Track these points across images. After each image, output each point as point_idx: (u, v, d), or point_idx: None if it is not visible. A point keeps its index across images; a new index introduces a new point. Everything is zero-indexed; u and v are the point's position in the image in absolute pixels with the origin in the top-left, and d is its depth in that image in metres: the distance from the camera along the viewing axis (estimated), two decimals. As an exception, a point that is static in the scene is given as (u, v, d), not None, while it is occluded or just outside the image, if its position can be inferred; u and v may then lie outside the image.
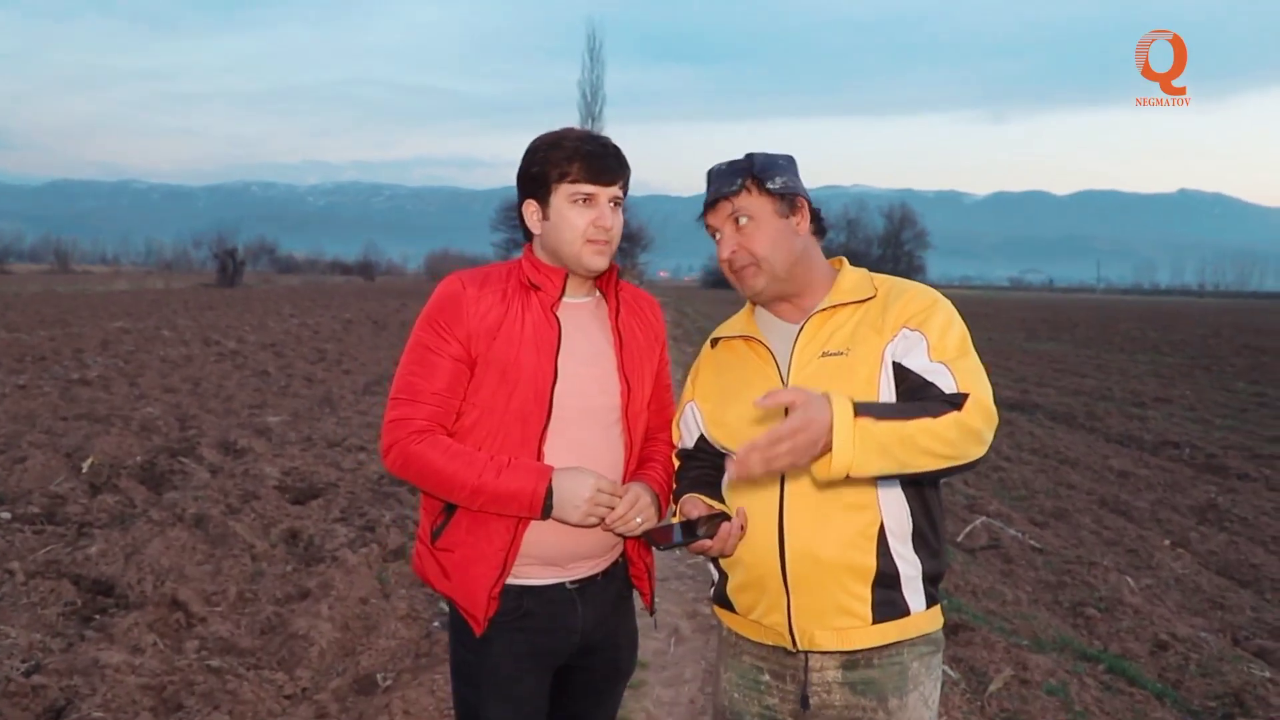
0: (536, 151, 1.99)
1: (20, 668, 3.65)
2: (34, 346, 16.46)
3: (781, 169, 1.93)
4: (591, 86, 64.72)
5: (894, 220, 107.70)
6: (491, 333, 1.95)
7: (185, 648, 4.03)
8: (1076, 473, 8.68)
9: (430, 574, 2.05)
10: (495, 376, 1.95)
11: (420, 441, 1.92)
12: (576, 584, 2.04)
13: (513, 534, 1.96)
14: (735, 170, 1.92)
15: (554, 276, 2.02)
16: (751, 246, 1.90)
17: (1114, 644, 4.67)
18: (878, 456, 1.61)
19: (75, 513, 5.99)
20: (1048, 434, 10.64)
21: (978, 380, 1.77)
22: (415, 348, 1.99)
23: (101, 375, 12.83)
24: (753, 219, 1.91)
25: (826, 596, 1.83)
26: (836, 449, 1.57)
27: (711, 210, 1.96)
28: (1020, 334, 29.39)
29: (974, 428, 1.70)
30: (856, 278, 1.97)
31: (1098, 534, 6.64)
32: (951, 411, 1.69)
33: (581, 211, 1.96)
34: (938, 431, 1.66)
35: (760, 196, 1.91)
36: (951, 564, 5.67)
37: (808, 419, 1.57)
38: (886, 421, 1.63)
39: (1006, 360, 19.46)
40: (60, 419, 9.29)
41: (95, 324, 22.25)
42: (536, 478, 1.90)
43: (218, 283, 56.07)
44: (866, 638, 1.84)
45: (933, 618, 1.90)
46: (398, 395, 1.98)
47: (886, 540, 1.82)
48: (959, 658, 4.27)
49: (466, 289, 1.98)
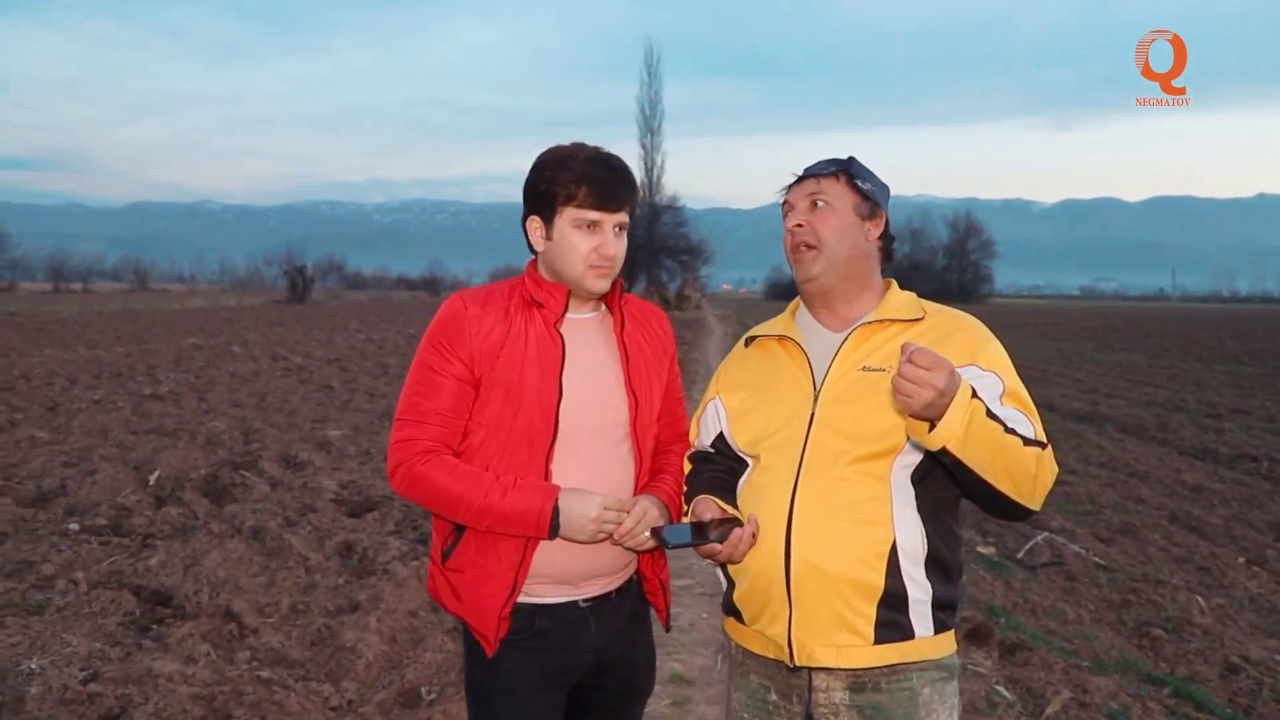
0: (544, 169, 1.95)
1: (78, 675, 3.76)
2: (111, 363, 17.11)
3: (874, 178, 1.96)
4: (650, 101, 64.94)
5: (959, 229, 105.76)
6: (494, 352, 1.94)
7: (237, 658, 4.10)
8: (1146, 487, 8.37)
9: (442, 594, 2.03)
10: (500, 396, 1.93)
11: (426, 462, 1.91)
12: (590, 602, 2.01)
13: (522, 553, 1.93)
14: (833, 162, 1.95)
15: (556, 293, 1.99)
16: (819, 228, 1.89)
17: (1181, 666, 4.47)
18: (977, 446, 1.62)
19: (140, 524, 6.18)
20: (1117, 446, 10.29)
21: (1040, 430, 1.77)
22: (419, 368, 1.98)
23: (173, 390, 13.26)
24: (830, 204, 1.91)
25: (828, 610, 1.77)
26: (952, 412, 1.57)
27: (796, 185, 1.96)
28: (1090, 344, 28.58)
29: (1048, 473, 1.72)
30: (905, 298, 1.96)
31: (1167, 551, 6.38)
32: (1038, 448, 1.71)
33: (585, 237, 1.94)
34: (1025, 456, 1.68)
35: (846, 188, 1.92)
36: (1009, 581, 5.51)
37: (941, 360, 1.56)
38: (993, 421, 1.65)
39: (1076, 371, 18.93)
40: (131, 433, 9.61)
41: (170, 341, 23.04)
42: (543, 497, 1.87)
43: (288, 299, 57.64)
44: (866, 657, 1.78)
45: (940, 644, 1.83)
46: (403, 416, 1.97)
47: (898, 560, 1.76)
48: (1015, 679, 4.13)
49: (468, 308, 1.97)
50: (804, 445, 1.83)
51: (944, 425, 1.57)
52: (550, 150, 1.99)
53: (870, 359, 1.84)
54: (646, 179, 63.74)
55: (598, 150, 1.98)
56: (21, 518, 6.28)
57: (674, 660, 4.35)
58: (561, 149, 1.98)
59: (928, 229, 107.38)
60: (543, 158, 1.98)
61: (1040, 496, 1.72)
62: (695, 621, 4.86)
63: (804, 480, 1.80)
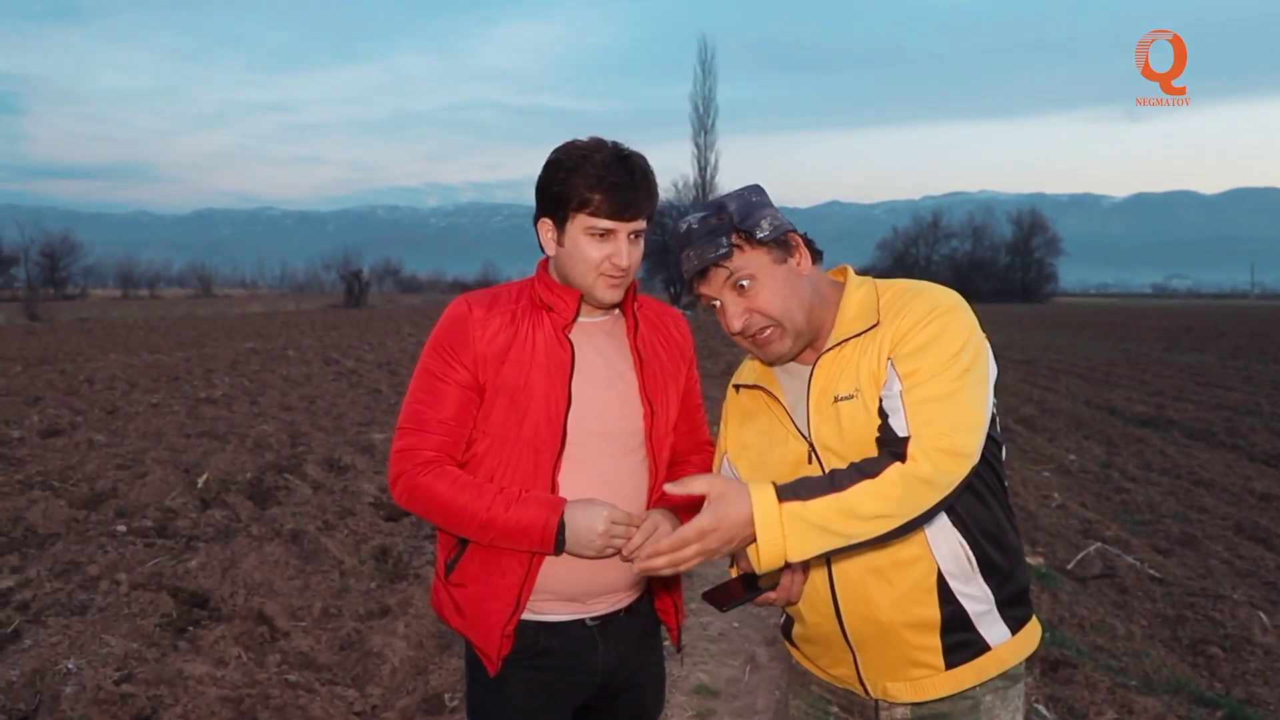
0: (558, 169, 1.83)
1: (113, 676, 3.81)
2: (170, 367, 17.57)
3: (760, 207, 1.74)
4: (704, 99, 64.77)
5: (1023, 226, 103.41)
6: (500, 357, 1.86)
7: (267, 661, 4.13)
8: (1211, 495, 8.02)
9: (445, 610, 1.97)
10: (505, 403, 1.86)
11: (427, 473, 1.84)
12: (597, 621, 1.94)
13: (527, 569, 1.86)
14: (715, 229, 1.72)
15: (568, 297, 1.90)
16: (763, 308, 1.71)
17: (1238, 688, 4.25)
18: (817, 537, 1.53)
19: (184, 527, 6.29)
20: (1182, 452, 9.90)
21: (938, 412, 1.57)
22: (422, 375, 1.91)
23: (226, 394, 13.54)
24: (754, 278, 1.71)
25: (894, 654, 1.72)
26: (763, 541, 1.51)
27: (702, 280, 1.75)
28: (1160, 344, 27.66)
29: (922, 475, 1.54)
30: (860, 300, 1.76)
31: (1230, 564, 6.10)
32: (893, 465, 1.55)
33: (598, 246, 1.84)
34: (881, 492, 1.53)
35: (754, 250, 1.72)
36: (1057, 594, 5.31)
37: (718, 519, 1.52)
38: (820, 498, 1.53)
39: (1142, 373, 18.31)
40: (184, 436, 9.83)
41: (228, 345, 23.60)
42: (548, 511, 1.79)
43: (344, 303, 58.71)
44: (941, 685, 1.72)
45: (1018, 646, 1.74)
46: (404, 425, 1.90)
47: (948, 585, 1.68)
48: (1056, 697, 3.96)
49: (473, 311, 1.89)
50: None
51: (764, 550, 1.52)
52: (565, 148, 1.86)
53: (839, 388, 1.71)
54: (700, 178, 63.57)
55: (616, 149, 1.84)
56: (74, 519, 6.44)
57: (700, 670, 4.27)
58: (577, 147, 1.85)
59: (991, 226, 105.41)
60: (557, 156, 1.85)
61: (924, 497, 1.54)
62: (725, 631, 4.77)
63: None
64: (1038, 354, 23.44)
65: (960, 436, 1.57)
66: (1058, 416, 12.31)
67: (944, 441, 1.56)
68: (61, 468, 8.06)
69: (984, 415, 1.62)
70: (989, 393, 1.66)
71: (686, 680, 4.17)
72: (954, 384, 1.60)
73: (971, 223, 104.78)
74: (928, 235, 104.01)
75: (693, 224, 1.74)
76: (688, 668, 4.28)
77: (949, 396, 1.59)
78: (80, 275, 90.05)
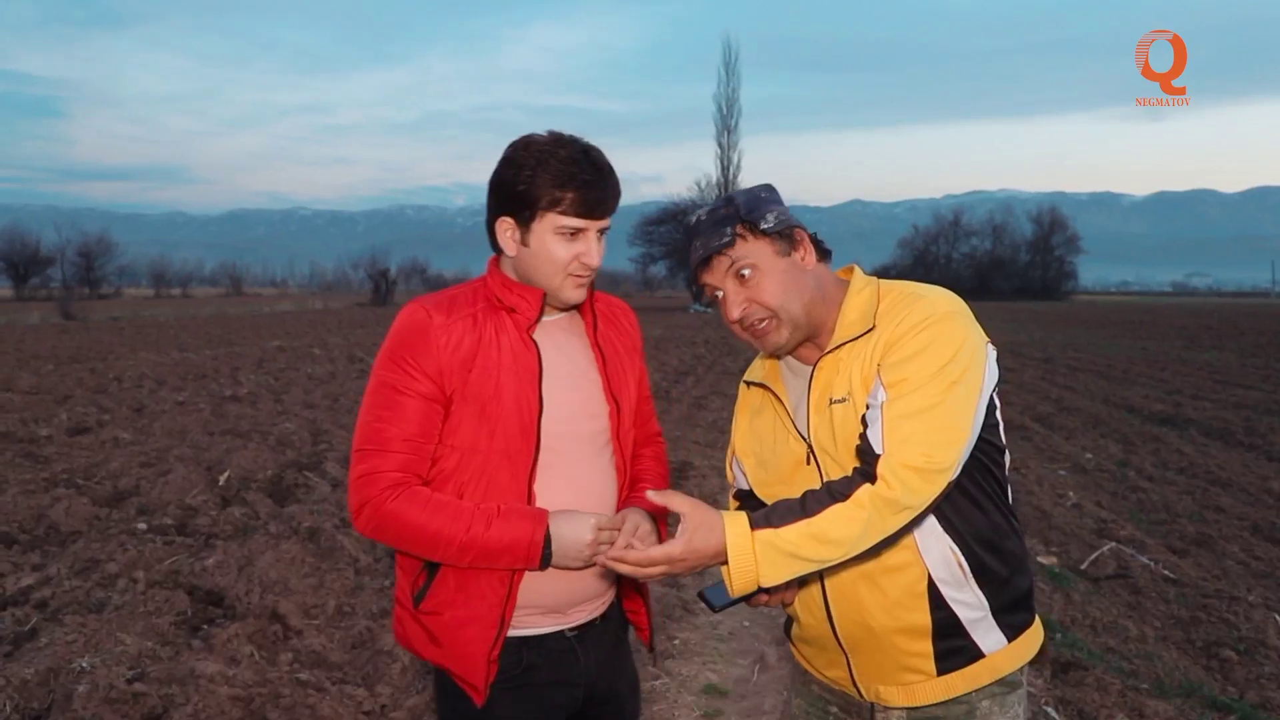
0: (521, 166, 1.74)
1: (125, 675, 3.88)
2: (198, 365, 17.80)
3: (768, 202, 1.76)
4: (727, 99, 64.73)
5: (1043, 224, 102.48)
6: (466, 364, 1.76)
7: (279, 660, 4.19)
8: (1228, 495, 7.93)
9: (416, 642, 1.84)
10: (474, 413, 1.76)
11: (395, 497, 1.71)
12: (575, 630, 1.88)
13: (509, 585, 1.77)
14: (721, 219, 1.73)
15: (530, 297, 1.82)
16: (762, 298, 1.72)
17: (1252, 691, 4.21)
18: (788, 564, 1.55)
19: (204, 524, 6.39)
20: (1199, 451, 9.80)
21: (915, 428, 1.57)
22: (379, 389, 1.77)
23: (251, 392, 13.70)
24: (756, 268, 1.72)
25: (886, 658, 1.74)
26: (735, 569, 1.54)
27: (706, 269, 1.76)
28: (1179, 342, 27.34)
29: (890, 498, 1.54)
30: (861, 304, 1.76)
31: (1246, 565, 6.04)
32: (862, 486, 1.56)
33: (567, 245, 1.77)
34: (849, 515, 1.55)
35: (757, 241, 1.73)
36: (1070, 594, 5.28)
37: (690, 549, 1.54)
38: (791, 525, 1.55)
39: (1160, 371, 18.12)
40: (208, 433, 9.95)
41: (256, 343, 23.87)
42: (532, 525, 1.72)
43: (371, 302, 59.15)
44: (934, 691, 1.73)
45: (1014, 653, 1.73)
46: (363, 446, 1.75)
47: (938, 591, 1.69)
48: (1067, 699, 3.95)
49: (433, 317, 1.77)
50: None
51: (736, 578, 1.55)
52: (524, 143, 1.78)
53: (834, 390, 1.72)
54: (722, 178, 63.50)
55: (577, 143, 1.77)
56: (96, 516, 6.55)
57: (709, 670, 4.29)
58: (537, 142, 1.77)
59: (1010, 224, 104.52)
60: (518, 153, 1.76)
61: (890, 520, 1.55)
62: (736, 630, 4.79)
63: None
64: (1056, 352, 23.24)
65: (937, 453, 1.57)
66: (1075, 415, 12.21)
67: (917, 459, 1.55)
68: (86, 465, 8.19)
69: (968, 429, 1.61)
70: (978, 404, 1.64)
71: (695, 680, 4.19)
72: (938, 396, 1.59)
73: (992, 221, 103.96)
74: (948, 233, 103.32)
75: (701, 216, 1.78)
76: (696, 667, 4.30)
77: (930, 410, 1.58)
78: (115, 275, 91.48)
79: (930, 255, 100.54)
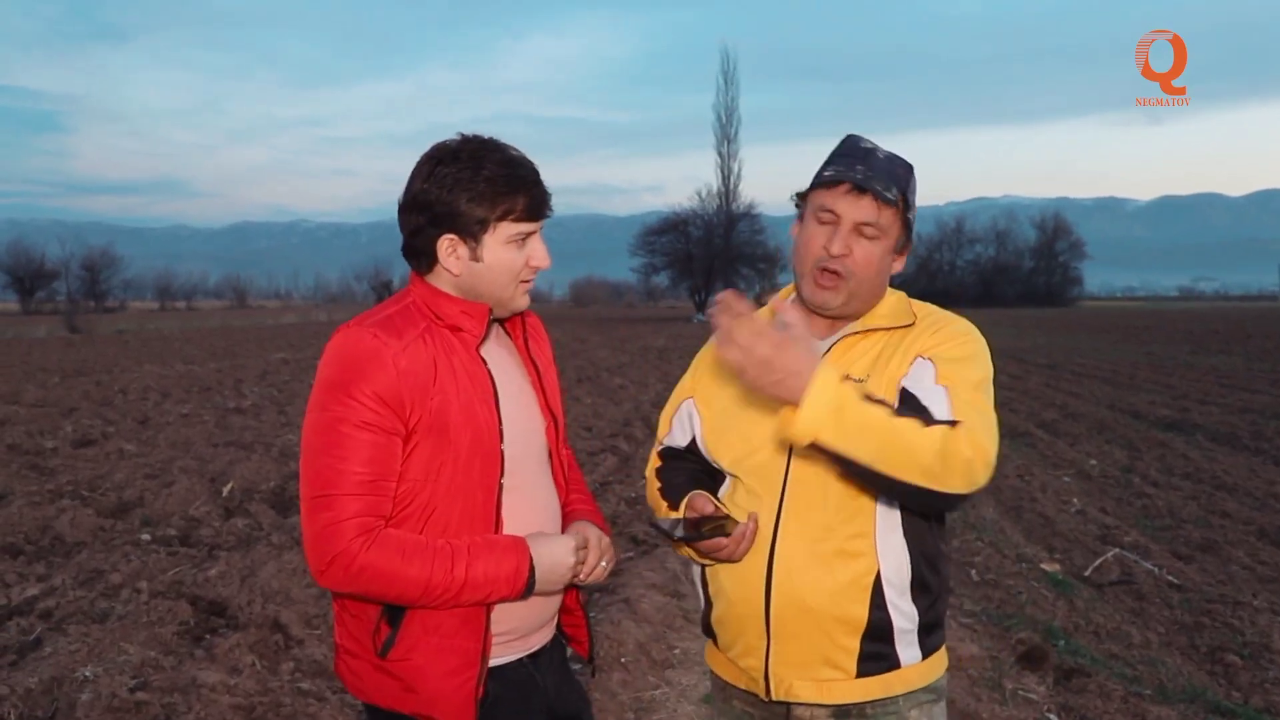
0: (458, 183, 1.63)
1: (128, 683, 3.89)
2: (202, 378, 17.85)
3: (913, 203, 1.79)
4: (727, 109, 64.97)
5: (1046, 230, 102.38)
6: (427, 391, 1.62)
7: (280, 669, 4.19)
8: (1234, 500, 7.91)
9: (385, 695, 1.68)
10: (436, 441, 1.63)
11: (368, 547, 1.56)
12: (531, 657, 1.80)
13: (485, 618, 1.68)
14: (896, 175, 1.72)
15: (475, 314, 1.71)
16: (859, 261, 1.71)
17: (1256, 696, 4.20)
18: (856, 436, 1.46)
19: (207, 535, 6.40)
20: (1205, 456, 9.76)
21: (979, 417, 1.60)
22: (332, 427, 1.58)
23: (255, 404, 13.74)
24: (879, 240, 1.72)
25: (810, 646, 1.72)
26: (808, 402, 1.43)
27: (850, 194, 1.70)
28: (1185, 347, 27.27)
29: (962, 454, 1.51)
30: (893, 303, 1.83)
31: (1251, 570, 6.01)
32: (942, 427, 1.53)
33: (519, 252, 1.70)
34: (922, 439, 1.50)
35: (896, 219, 1.74)
36: (1073, 600, 5.27)
37: (783, 347, 1.43)
38: (875, 405, 1.49)
39: (1166, 376, 18.07)
40: (212, 445, 9.98)
41: (260, 356, 23.92)
42: (516, 555, 1.64)
43: (373, 313, 59.26)
44: (849, 692, 1.73)
45: (926, 670, 1.77)
46: (322, 493, 1.57)
47: (882, 590, 1.70)
48: (1069, 706, 3.95)
49: (387, 342, 1.61)
50: (787, 468, 1.75)
51: (804, 413, 1.43)
52: (449, 155, 1.66)
53: (852, 369, 1.73)
54: (723, 186, 63.70)
55: (499, 145, 1.69)
56: (101, 528, 6.57)
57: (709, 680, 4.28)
58: (461, 151, 1.66)
59: (1014, 230, 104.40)
60: (448, 169, 1.64)
61: (955, 477, 1.52)
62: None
63: (788, 508, 1.73)
64: (1061, 358, 23.20)
65: (992, 452, 1.57)
66: (1080, 421, 12.18)
67: (982, 442, 1.55)
68: (91, 477, 8.22)
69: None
70: None
71: (695, 689, 4.19)
72: (986, 405, 1.65)
73: (995, 227, 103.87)
74: (951, 240, 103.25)
75: (880, 151, 1.74)
76: (696, 676, 4.29)
77: (984, 412, 1.63)
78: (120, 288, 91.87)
79: (934, 262, 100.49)
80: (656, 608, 4.98)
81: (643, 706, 3.99)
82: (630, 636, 4.50)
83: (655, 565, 5.75)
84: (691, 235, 62.83)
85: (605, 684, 4.04)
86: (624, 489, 7.87)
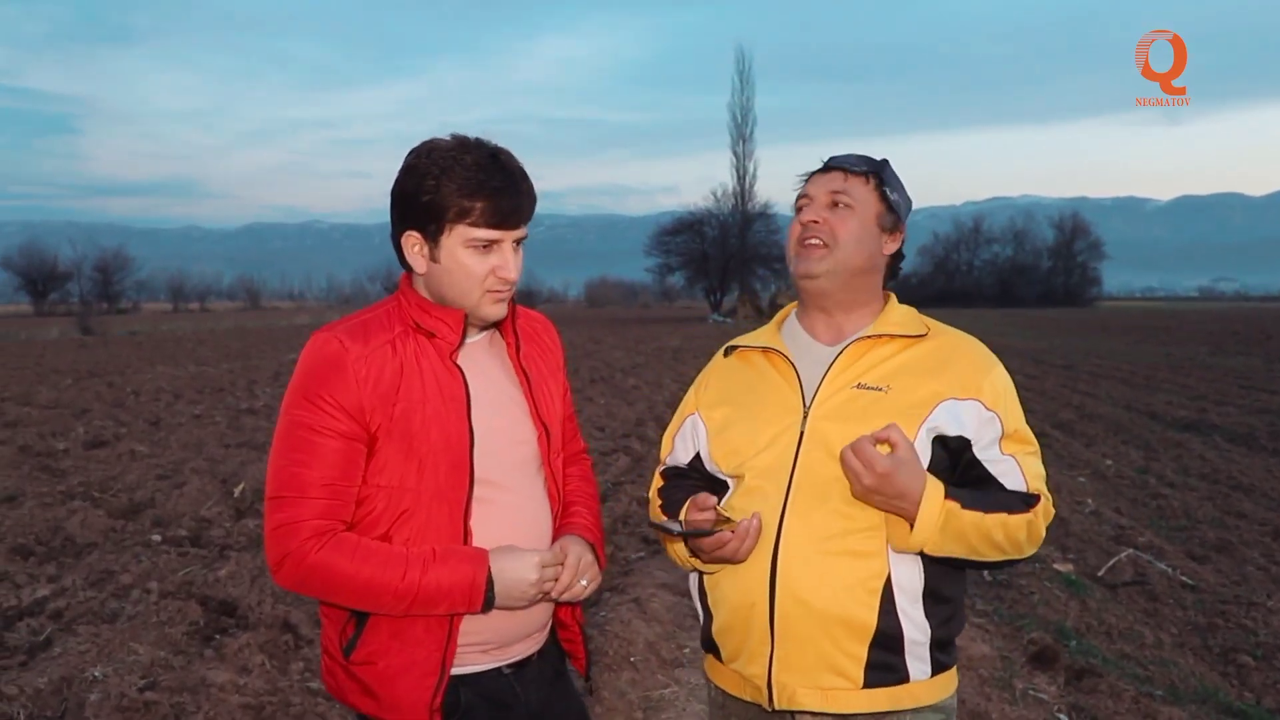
0: (425, 175, 1.61)
1: (138, 684, 3.91)
2: (215, 379, 17.95)
3: (902, 192, 1.86)
4: (742, 108, 64.82)
5: (1065, 230, 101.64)
6: (389, 398, 1.61)
7: (290, 669, 4.20)
8: (1250, 500, 7.83)
9: (349, 695, 1.70)
10: (401, 449, 1.62)
11: (320, 548, 1.57)
12: (512, 668, 1.76)
13: (448, 629, 1.65)
14: (865, 159, 1.84)
15: (450, 319, 1.68)
16: (836, 228, 1.77)
17: (1269, 697, 4.15)
18: (954, 542, 1.64)
19: (218, 536, 6.43)
20: (1222, 457, 9.67)
21: (1042, 478, 1.74)
22: (293, 431, 1.61)
23: (267, 405, 13.78)
24: (852, 207, 1.79)
25: (814, 650, 1.66)
26: (921, 525, 1.60)
27: (819, 177, 1.84)
28: (1204, 348, 27.03)
29: (1040, 532, 1.70)
30: (905, 312, 1.85)
31: (1266, 570, 5.95)
32: (1026, 512, 1.67)
33: (481, 259, 1.64)
34: (1011, 529, 1.66)
35: (873, 193, 1.81)
36: (1086, 601, 5.22)
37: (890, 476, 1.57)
38: (971, 512, 1.63)
39: (1185, 377, 17.91)
40: (224, 446, 10.03)
41: (272, 356, 24.03)
42: (472, 566, 1.60)
43: (388, 315, 59.50)
44: (854, 702, 1.67)
45: (937, 687, 1.72)
46: (280, 494, 1.60)
47: (893, 596, 1.66)
48: (1079, 706, 3.91)
49: (349, 348, 1.62)
50: (793, 467, 1.71)
51: (917, 534, 1.61)
52: (427, 150, 1.64)
53: (866, 376, 1.73)
54: (739, 186, 63.59)
55: (484, 147, 1.65)
56: (112, 528, 6.61)
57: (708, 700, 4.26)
58: (440, 147, 1.63)
59: (1032, 231, 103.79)
60: (420, 161, 1.63)
61: (1032, 548, 1.71)
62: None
63: (793, 506, 1.69)
64: (1079, 358, 23.03)
65: (1052, 508, 1.74)
66: (1096, 421, 12.09)
67: (1050, 508, 1.73)
68: (103, 478, 8.28)
69: None
70: None
71: (704, 689, 4.16)
72: (1036, 449, 1.77)
73: (1013, 227, 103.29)
74: (969, 240, 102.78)
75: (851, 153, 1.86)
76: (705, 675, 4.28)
77: (1040, 465, 1.76)
78: (133, 289, 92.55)
79: (951, 263, 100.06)
80: (666, 607, 4.97)
81: (651, 705, 3.97)
82: (640, 636, 4.48)
83: (666, 565, 5.73)
84: (707, 235, 62.76)
85: (614, 683, 4.02)
86: (636, 489, 7.85)
